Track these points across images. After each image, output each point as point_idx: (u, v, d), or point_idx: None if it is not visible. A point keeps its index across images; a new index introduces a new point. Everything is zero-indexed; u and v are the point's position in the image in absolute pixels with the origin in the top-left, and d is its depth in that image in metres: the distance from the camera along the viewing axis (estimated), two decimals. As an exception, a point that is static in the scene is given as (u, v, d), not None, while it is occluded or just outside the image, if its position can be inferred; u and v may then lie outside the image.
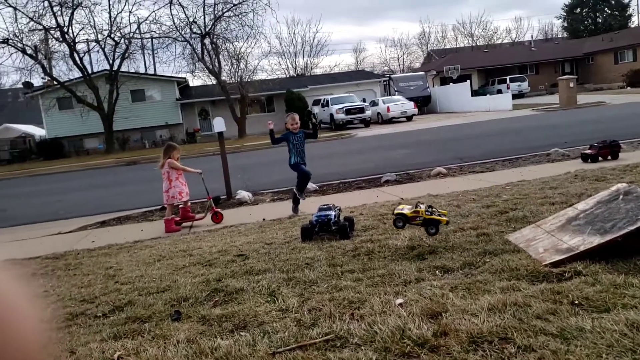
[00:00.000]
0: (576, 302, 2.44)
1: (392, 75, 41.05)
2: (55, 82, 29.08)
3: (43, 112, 31.35)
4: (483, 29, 63.91)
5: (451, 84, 35.23)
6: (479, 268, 3.19)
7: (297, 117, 6.97)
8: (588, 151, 8.25)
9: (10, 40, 26.81)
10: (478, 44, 62.07)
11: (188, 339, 2.56)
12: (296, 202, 6.95)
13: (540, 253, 3.23)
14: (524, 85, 39.02)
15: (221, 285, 3.52)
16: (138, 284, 3.87)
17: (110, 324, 3.02)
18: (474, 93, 35.11)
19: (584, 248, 3.04)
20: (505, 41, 64.06)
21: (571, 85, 24.91)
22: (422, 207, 3.94)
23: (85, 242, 6.63)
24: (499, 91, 35.10)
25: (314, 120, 7.05)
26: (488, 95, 31.71)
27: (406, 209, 3.96)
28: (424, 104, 34.78)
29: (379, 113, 29.68)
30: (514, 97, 30.46)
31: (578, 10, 56.76)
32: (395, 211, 4.03)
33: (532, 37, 59.98)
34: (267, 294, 3.18)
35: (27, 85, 31.48)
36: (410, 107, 29.21)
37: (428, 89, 36.01)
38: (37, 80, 31.01)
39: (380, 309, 2.61)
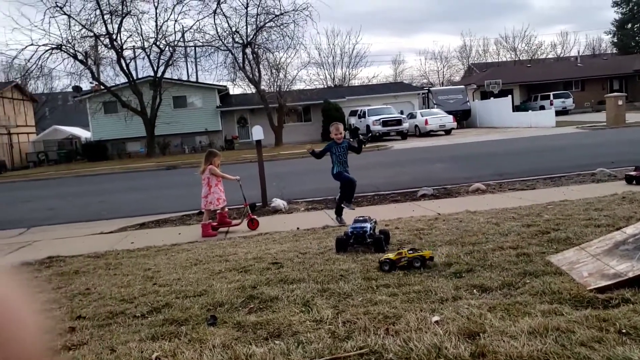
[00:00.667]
0: (624, 330, 2.33)
1: (431, 88, 40.68)
2: (102, 87, 30.27)
3: (90, 115, 32.64)
4: (527, 43, 62.40)
5: (492, 98, 34.61)
6: (519, 289, 3.11)
7: (341, 127, 6.89)
8: (633, 172, 7.93)
9: (64, 47, 28.14)
10: (521, 58, 60.75)
11: (223, 344, 2.60)
12: (339, 213, 6.87)
13: (584, 277, 3.12)
14: (569, 102, 37.89)
15: (256, 292, 3.56)
16: (175, 287, 3.95)
17: (148, 325, 3.10)
18: (516, 108, 34.34)
19: (633, 274, 2.91)
20: (550, 56, 62.47)
21: (620, 102, 24.01)
22: (405, 249, 4.16)
23: (125, 242, 6.83)
24: (542, 107, 34.22)
25: (361, 137, 6.90)
26: (530, 111, 30.94)
27: (391, 255, 4.16)
28: (463, 118, 34.28)
29: (416, 126, 29.45)
30: (558, 113, 29.63)
31: (629, 25, 54.88)
32: (381, 259, 4.18)
33: (578, 53, 58.32)
34: (302, 304, 3.19)
35: (77, 89, 32.90)
36: (449, 120, 28.85)
37: (468, 103, 35.49)
38: (85, 85, 32.42)
39: (416, 325, 2.57)
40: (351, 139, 6.81)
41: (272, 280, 3.90)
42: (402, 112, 30.45)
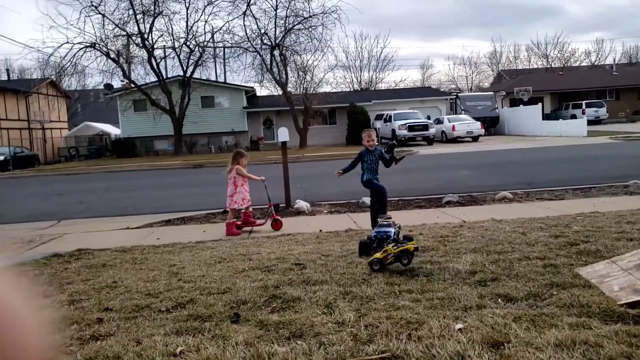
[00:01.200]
0: (654, 347, 2.27)
1: (459, 94, 40.21)
2: (132, 85, 30.92)
3: (120, 112, 33.36)
4: (559, 50, 60.91)
5: (521, 105, 33.98)
6: (545, 300, 3.05)
7: (373, 134, 6.71)
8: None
9: (97, 45, 28.87)
10: (553, 65, 59.38)
11: (246, 341, 2.63)
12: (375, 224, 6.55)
13: (615, 291, 3.04)
14: (602, 111, 36.89)
15: (279, 292, 3.59)
16: (200, 284, 4.02)
17: (173, 320, 3.16)
18: (546, 117, 33.64)
19: (666, 290, 2.83)
20: (584, 64, 60.89)
21: (656, 113, 23.24)
22: (389, 246, 4.19)
23: (151, 238, 6.96)
24: (573, 116, 33.42)
25: (396, 156, 6.62)
26: (561, 119, 30.25)
27: (378, 254, 4.22)
28: (491, 125, 33.76)
29: (443, 131, 29.14)
30: (590, 123, 28.89)
31: (668, 33, 53.09)
32: (369, 260, 4.28)
33: (614, 61, 56.60)
34: (324, 306, 3.20)
35: (108, 87, 33.65)
36: (476, 127, 28.44)
37: (496, 110, 34.93)
38: (116, 83, 33.14)
39: (438, 332, 2.55)
40: (386, 154, 6.50)
41: (294, 280, 3.92)
42: (429, 117, 30.17)
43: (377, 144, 6.63)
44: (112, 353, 2.63)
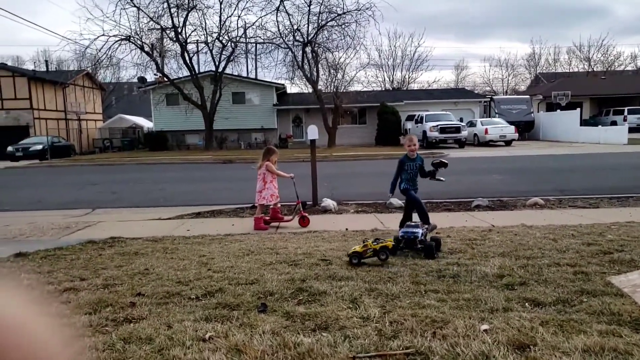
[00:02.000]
0: (687, 358, 2.22)
1: (494, 97, 39.42)
2: (165, 79, 31.52)
3: (153, 106, 34.09)
4: (603, 53, 58.70)
5: (558, 110, 33.10)
6: (575, 307, 3.01)
7: (415, 138, 6.49)
8: None
9: (132, 38, 29.53)
10: (595, 69, 57.49)
11: (273, 331, 2.70)
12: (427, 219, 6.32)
13: (647, 301, 2.98)
14: (645, 119, 35.53)
15: (305, 285, 3.64)
16: (228, 274, 4.11)
17: (202, 307, 3.25)
18: (584, 123, 32.65)
19: (701, 302, 2.76)
20: (629, 68, 58.67)
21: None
22: (370, 241, 4.41)
23: (181, 229, 7.13)
24: (613, 123, 32.32)
25: (438, 176, 6.22)
26: (600, 126, 29.31)
27: (357, 248, 4.38)
28: (526, 129, 33.01)
29: (475, 134, 28.68)
30: (632, 130, 27.90)
31: None
32: (349, 252, 4.44)
33: (662, 65, 54.31)
34: (349, 301, 3.24)
35: (142, 80, 34.41)
36: (510, 131, 27.88)
37: (532, 114, 34.13)
38: (150, 76, 33.83)
39: (464, 332, 2.56)
40: (433, 169, 6.25)
41: (320, 275, 3.97)
42: (461, 120, 29.75)
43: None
44: (144, 335, 2.73)
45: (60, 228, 7.58)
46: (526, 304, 3.10)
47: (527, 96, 37.26)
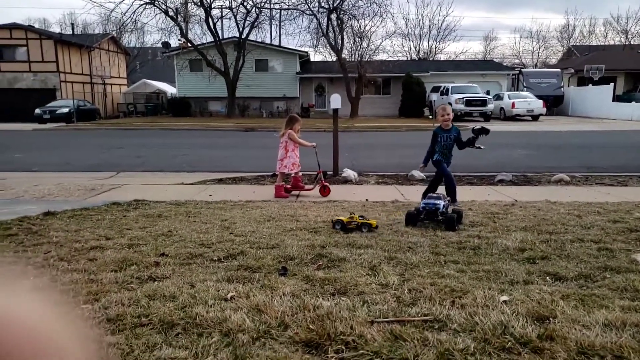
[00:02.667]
0: None
1: (523, 69, 38.30)
2: (189, 45, 31.41)
3: (176, 71, 34.14)
4: (643, 26, 55.88)
5: (590, 85, 32.01)
6: (597, 282, 2.98)
7: (449, 108, 6.18)
8: None
9: (156, 2, 29.35)
10: (632, 42, 54.94)
11: (293, 293, 2.75)
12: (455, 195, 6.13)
13: (673, 279, 2.92)
14: (684, 95, 34.10)
15: (325, 251, 3.69)
16: (250, 238, 4.18)
17: (224, 268, 3.33)
18: (617, 98, 31.50)
19: None
20: (670, 42, 55.91)
21: None
22: (356, 215, 4.68)
23: (203, 194, 7.23)
24: (649, 99, 31.15)
25: (476, 142, 5.95)
26: (634, 102, 28.29)
27: (342, 217, 4.67)
28: (555, 104, 32.08)
29: (502, 108, 28.04)
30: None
31: None
32: (334, 219, 4.70)
33: None
34: (368, 268, 3.27)
35: (165, 45, 34.37)
36: (538, 105, 27.14)
37: (562, 89, 33.08)
38: (174, 42, 33.74)
39: (482, 302, 2.56)
40: (473, 136, 5.97)
41: (340, 243, 4.00)
42: (488, 93, 29.04)
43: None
44: (168, 293, 2.81)
45: (86, 189, 7.76)
46: (547, 277, 3.08)
47: (558, 70, 36.03)
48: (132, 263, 3.51)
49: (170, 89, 40.33)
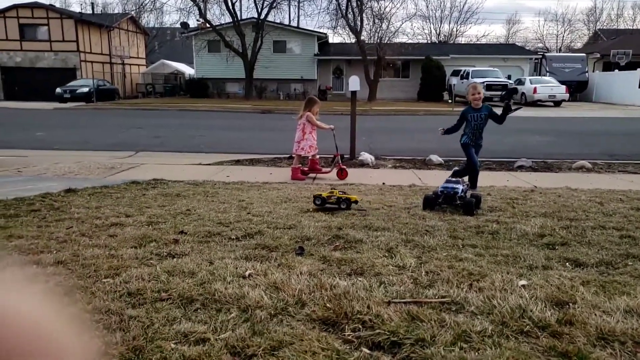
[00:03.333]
0: None
1: (546, 54, 37.40)
2: (207, 25, 31.32)
3: (194, 52, 34.14)
4: (675, 9, 53.95)
5: (616, 70, 31.10)
6: (619, 269, 2.93)
7: (479, 86, 5.91)
8: None
9: (176, -19, 29.24)
10: (663, 26, 53.00)
11: (310, 272, 2.77)
12: (475, 181, 6.10)
13: (697, 268, 2.86)
14: None
15: (342, 233, 3.69)
16: (267, 218, 4.21)
17: (242, 247, 3.36)
18: (644, 84, 30.59)
19: None
20: None
21: None
22: (336, 190, 4.85)
23: (221, 175, 7.28)
24: (678, 86, 30.16)
25: (511, 105, 5.69)
26: (662, 89, 27.40)
27: (323, 193, 4.79)
28: (578, 89, 31.28)
29: (523, 93, 27.49)
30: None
31: None
32: (315, 194, 4.83)
33: None
34: (385, 250, 3.27)
35: (184, 25, 34.35)
36: (560, 91, 26.52)
37: (586, 74, 32.22)
38: (192, 22, 33.72)
39: (501, 285, 2.55)
40: (506, 100, 5.70)
41: (357, 225, 4.00)
42: (509, 77, 28.48)
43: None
44: (187, 269, 2.85)
45: (105, 168, 7.88)
46: (567, 263, 3.04)
47: (583, 54, 35.06)
48: (152, 240, 3.56)
49: (188, 70, 40.41)
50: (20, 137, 12.57)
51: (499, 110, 6.02)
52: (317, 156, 7.51)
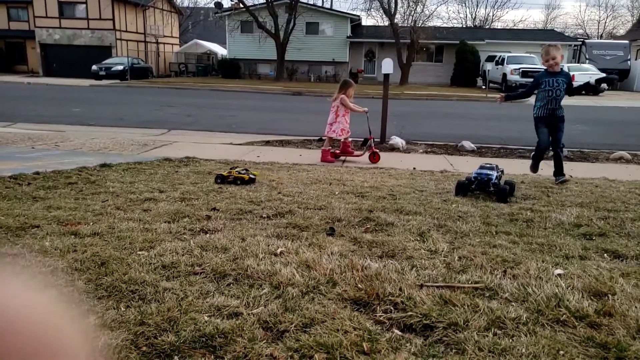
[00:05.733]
0: None
1: (586, 40, 36.00)
2: (241, 5, 31.30)
3: (227, 33, 34.23)
4: None
5: (660, 58, 29.73)
6: (660, 263, 2.83)
7: (553, 51, 5.15)
8: None
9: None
10: None
11: (340, 253, 2.77)
12: (534, 168, 5.81)
13: None
14: None
15: (372, 215, 3.68)
16: (298, 199, 4.22)
17: (273, 225, 3.39)
18: (689, 73, 29.19)
19: None
20: None
21: None
22: (234, 170, 5.14)
23: (251, 155, 7.33)
24: None
25: (598, 86, 4.95)
26: None
27: (224, 172, 5.14)
28: (619, 78, 30.08)
29: (560, 80, 26.59)
30: None
31: None
32: (217, 174, 5.12)
33: None
34: (417, 234, 3.24)
35: (218, 5, 34.42)
36: (599, 79, 25.54)
37: (628, 62, 30.89)
38: (226, 2, 33.77)
39: (536, 274, 2.50)
40: (599, 83, 4.94)
41: (387, 208, 3.98)
42: (545, 64, 27.48)
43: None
44: (220, 245, 2.90)
45: (139, 145, 8.03)
46: (605, 254, 2.96)
47: (626, 41, 33.59)
48: (185, 215, 3.63)
49: (220, 50, 40.58)
50: (58, 112, 12.94)
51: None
52: (350, 139, 7.46)
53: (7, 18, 38.17)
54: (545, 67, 5.18)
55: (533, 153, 5.60)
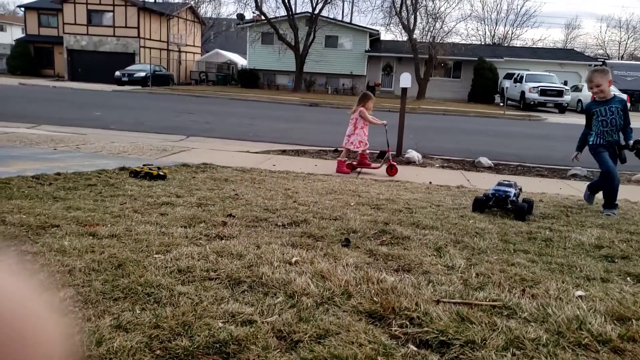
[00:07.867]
0: None
1: (606, 60, 35.69)
2: (263, 17, 31.74)
3: (248, 43, 34.70)
4: None
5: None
6: (687, 289, 2.75)
7: (596, 77, 4.73)
8: None
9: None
10: None
11: (356, 264, 2.74)
12: (589, 199, 5.28)
13: None
14: None
15: (388, 228, 3.64)
16: (313, 208, 4.21)
17: (288, 234, 3.37)
18: None
19: None
20: None
21: None
22: (146, 167, 5.49)
23: (267, 164, 7.36)
24: None
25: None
26: None
27: (137, 168, 5.48)
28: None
29: (579, 100, 26.33)
30: None
31: None
32: (131, 169, 5.46)
33: None
34: (434, 248, 3.20)
35: (240, 17, 34.94)
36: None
37: (649, 84, 30.52)
38: (248, 14, 34.23)
39: (556, 294, 2.44)
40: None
41: (404, 221, 3.94)
42: (565, 83, 27.32)
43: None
44: (235, 251, 2.89)
45: (157, 150, 8.12)
46: (628, 278, 2.88)
47: (648, 63, 33.19)
48: (201, 221, 3.64)
49: (240, 61, 41.07)
50: (80, 116, 13.17)
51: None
52: (367, 151, 7.46)
53: (38, 24, 39.31)
54: (595, 96, 4.80)
55: (602, 188, 4.94)
